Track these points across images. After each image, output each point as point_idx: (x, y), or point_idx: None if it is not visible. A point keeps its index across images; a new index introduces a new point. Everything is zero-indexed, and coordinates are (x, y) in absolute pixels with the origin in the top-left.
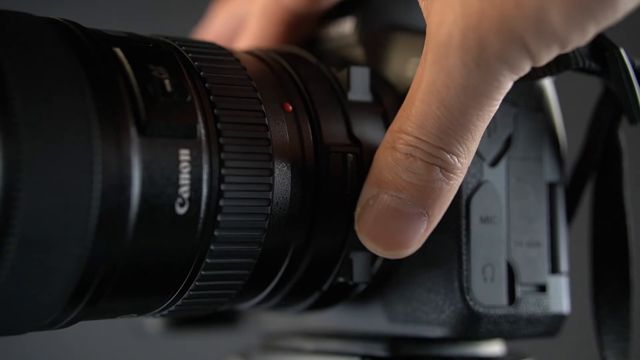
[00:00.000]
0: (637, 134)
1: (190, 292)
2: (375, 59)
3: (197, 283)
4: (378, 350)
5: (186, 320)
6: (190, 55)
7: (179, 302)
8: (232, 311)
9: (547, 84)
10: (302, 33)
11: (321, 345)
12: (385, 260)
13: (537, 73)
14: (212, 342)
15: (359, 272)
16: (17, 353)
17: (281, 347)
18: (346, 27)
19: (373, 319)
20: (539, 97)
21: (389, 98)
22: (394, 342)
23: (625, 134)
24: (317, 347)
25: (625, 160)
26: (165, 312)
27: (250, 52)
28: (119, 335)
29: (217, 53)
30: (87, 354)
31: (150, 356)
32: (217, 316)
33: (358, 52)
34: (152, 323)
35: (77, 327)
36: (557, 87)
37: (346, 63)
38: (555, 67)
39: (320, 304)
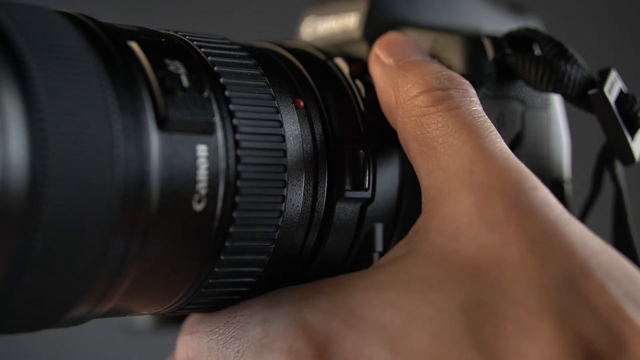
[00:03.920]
0: None
1: (202, 290)
2: None
3: (209, 280)
4: None
5: (175, 317)
6: (202, 50)
7: (189, 300)
8: None
9: None
10: None
11: None
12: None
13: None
14: None
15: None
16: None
17: None
18: (350, 22)
19: None
20: (546, 96)
21: None
22: None
23: None
24: None
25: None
26: (175, 310)
27: (259, 48)
28: (107, 332)
29: (229, 48)
30: (75, 351)
31: (140, 353)
32: None
33: (362, 48)
34: (142, 319)
35: None
36: None
37: (352, 59)
38: (547, 84)
39: None
